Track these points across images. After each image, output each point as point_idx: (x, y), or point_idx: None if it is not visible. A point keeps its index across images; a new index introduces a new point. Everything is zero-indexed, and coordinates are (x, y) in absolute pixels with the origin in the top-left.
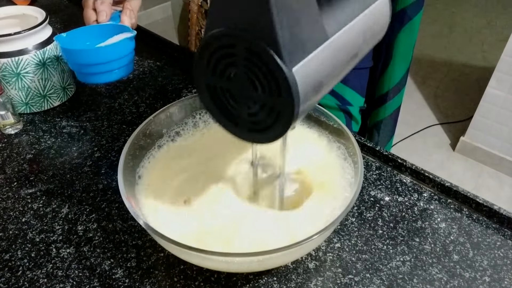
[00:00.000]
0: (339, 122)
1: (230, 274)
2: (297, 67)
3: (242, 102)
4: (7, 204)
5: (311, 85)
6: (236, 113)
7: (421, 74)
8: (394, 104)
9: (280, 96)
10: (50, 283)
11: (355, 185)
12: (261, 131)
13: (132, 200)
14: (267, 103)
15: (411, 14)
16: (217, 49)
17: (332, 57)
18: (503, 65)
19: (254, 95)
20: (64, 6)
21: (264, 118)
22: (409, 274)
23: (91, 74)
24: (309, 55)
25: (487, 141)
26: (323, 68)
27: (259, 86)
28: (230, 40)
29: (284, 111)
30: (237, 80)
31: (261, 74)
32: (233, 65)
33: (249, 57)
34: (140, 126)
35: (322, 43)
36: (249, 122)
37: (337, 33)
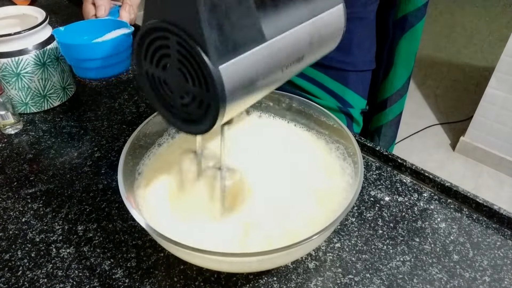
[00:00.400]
0: (338, 122)
1: (230, 274)
2: (225, 65)
3: (176, 93)
4: (7, 204)
5: (240, 83)
6: (171, 102)
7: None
8: (396, 110)
9: (208, 90)
10: (50, 283)
11: (355, 185)
12: (193, 122)
13: (132, 200)
14: (197, 96)
15: (413, 21)
16: (153, 40)
17: (268, 59)
18: (503, 65)
19: (186, 86)
20: (64, 6)
21: (195, 110)
22: (409, 274)
23: (87, 69)
24: (241, 55)
25: (487, 141)
26: (256, 69)
27: (190, 79)
28: (163, 33)
29: (211, 105)
30: (171, 71)
31: (191, 67)
32: (168, 56)
33: (180, 50)
34: (140, 126)
35: (258, 45)
36: (183, 112)
37: (276, 36)
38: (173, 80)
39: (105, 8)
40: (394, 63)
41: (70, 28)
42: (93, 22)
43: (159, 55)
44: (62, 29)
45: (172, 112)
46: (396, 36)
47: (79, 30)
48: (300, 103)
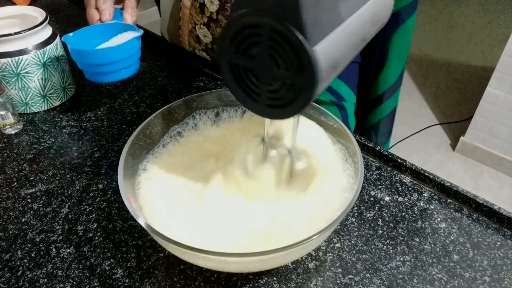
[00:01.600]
0: (338, 121)
1: (230, 274)
2: (317, 47)
3: (264, 80)
4: (7, 204)
5: (330, 63)
6: (256, 90)
7: (421, 74)
8: (390, 104)
9: (303, 73)
10: (50, 283)
11: (355, 185)
12: (280, 106)
13: (132, 200)
14: (289, 80)
15: (405, 17)
16: (243, 28)
17: (346, 39)
18: (503, 65)
19: (276, 72)
20: (64, 6)
21: (284, 95)
22: (409, 274)
23: (100, 73)
24: (328, 36)
25: (487, 141)
26: (339, 49)
27: (282, 64)
28: (256, 20)
29: (305, 87)
30: (260, 59)
31: (284, 53)
32: (257, 44)
33: (274, 37)
34: (140, 126)
35: (338, 26)
36: (269, 99)
37: (350, 17)
38: (261, 67)
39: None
40: (387, 58)
41: (78, 33)
42: (100, 27)
43: (247, 43)
44: (71, 35)
45: (257, 100)
46: (388, 31)
47: (87, 35)
48: None
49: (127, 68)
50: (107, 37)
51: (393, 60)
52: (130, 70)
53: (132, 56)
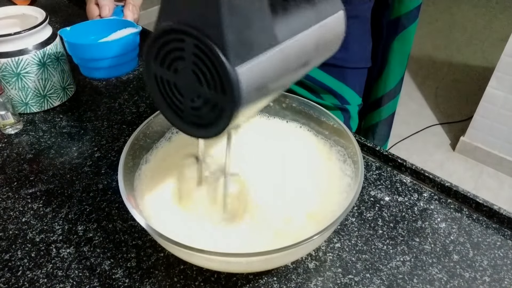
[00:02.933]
0: (339, 122)
1: (230, 274)
2: (242, 67)
3: (187, 96)
4: (7, 204)
5: (255, 86)
6: (180, 106)
7: (421, 74)
8: (389, 109)
9: (224, 93)
10: (50, 283)
11: (355, 185)
12: (203, 126)
13: (132, 200)
14: (211, 99)
15: (406, 23)
16: (167, 42)
17: (280, 62)
18: (503, 65)
19: (199, 89)
20: (64, 6)
21: (207, 113)
22: (409, 274)
23: (95, 68)
24: (256, 58)
25: (487, 141)
26: (269, 72)
27: (204, 82)
28: (179, 35)
29: (226, 108)
30: (184, 74)
31: (207, 70)
32: (181, 59)
33: (197, 53)
34: (141, 126)
35: (271, 47)
36: (193, 116)
37: (288, 40)
38: (184, 83)
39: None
40: (388, 63)
41: (76, 28)
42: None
43: (171, 57)
44: (69, 29)
45: (181, 116)
46: (389, 37)
47: (85, 30)
48: (300, 103)
49: (123, 65)
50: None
51: (392, 65)
52: (127, 67)
53: (129, 52)
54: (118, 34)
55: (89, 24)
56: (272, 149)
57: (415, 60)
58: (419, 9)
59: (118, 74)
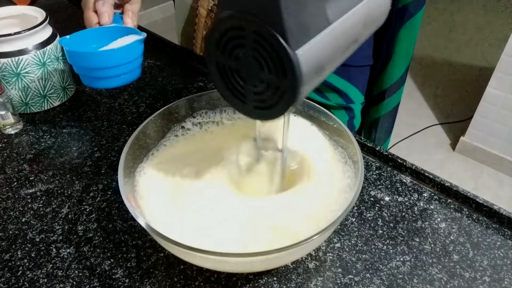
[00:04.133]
0: (339, 122)
1: (230, 274)
2: (301, 50)
3: (249, 81)
4: (7, 204)
5: (313, 67)
6: (243, 91)
7: (421, 74)
8: (393, 101)
9: (285, 76)
10: (50, 283)
11: (356, 185)
12: (266, 108)
13: (132, 200)
14: (273, 83)
15: (413, 11)
16: (227, 30)
17: (333, 42)
18: (503, 65)
19: (260, 75)
20: (64, 6)
21: (269, 97)
22: (409, 274)
23: (97, 78)
24: (312, 40)
25: (487, 141)
26: (324, 52)
27: (266, 67)
28: (240, 23)
29: (288, 91)
30: (245, 60)
31: (267, 56)
32: (242, 46)
33: (257, 39)
34: (140, 126)
35: (324, 28)
36: (255, 100)
37: (338, 19)
38: (247, 69)
39: (109, 15)
40: (393, 54)
41: (76, 36)
42: (99, 30)
43: (232, 45)
44: (68, 37)
45: (243, 101)
46: (396, 26)
47: (85, 38)
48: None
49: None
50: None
51: (398, 56)
52: (130, 76)
53: (134, 61)
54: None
55: (90, 32)
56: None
57: (415, 60)
58: None
59: (120, 84)
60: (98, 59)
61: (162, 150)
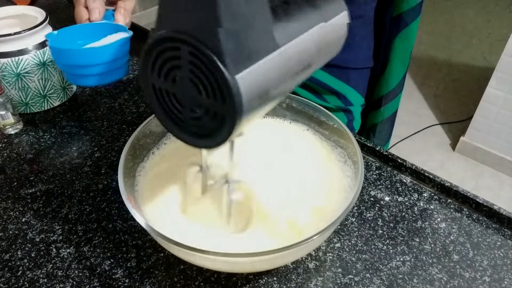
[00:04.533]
0: (339, 122)
1: (230, 274)
2: (241, 74)
3: (187, 106)
4: (7, 204)
5: (256, 92)
6: (180, 116)
7: (421, 74)
8: (391, 108)
9: (224, 101)
10: (50, 283)
11: (356, 186)
12: (205, 136)
13: (132, 200)
14: (211, 108)
15: (408, 20)
16: (163, 51)
17: (281, 66)
18: (503, 65)
19: (198, 99)
20: (64, 6)
21: (208, 123)
22: (409, 274)
23: (80, 76)
24: (256, 63)
25: (487, 141)
26: (270, 77)
27: (203, 90)
28: (175, 43)
29: (227, 117)
30: (182, 83)
31: (205, 79)
32: (178, 68)
33: (193, 61)
34: (141, 126)
35: (271, 52)
36: (193, 126)
37: (288, 43)
38: (183, 93)
39: (100, 11)
40: (390, 61)
41: (63, 32)
42: (88, 26)
43: (168, 67)
44: (56, 33)
45: (181, 126)
46: (391, 34)
47: (73, 34)
48: (300, 103)
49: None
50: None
51: (394, 63)
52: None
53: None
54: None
55: (78, 28)
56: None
57: (415, 60)
58: (421, 5)
59: (105, 82)
60: (80, 56)
61: (163, 149)
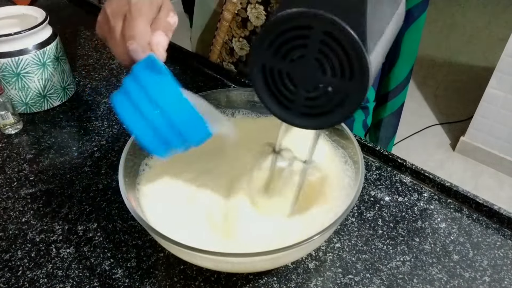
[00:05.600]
0: None
1: (230, 274)
2: (372, 55)
3: (302, 86)
4: (7, 204)
5: (374, 72)
6: (291, 97)
7: (421, 74)
8: (398, 101)
9: (351, 80)
10: (50, 283)
11: (356, 186)
12: (315, 115)
13: (132, 200)
14: (334, 87)
15: (416, 14)
16: (289, 29)
17: (384, 48)
18: (503, 65)
19: (320, 78)
20: (64, 6)
21: (323, 103)
22: (409, 274)
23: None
24: (376, 46)
25: (487, 141)
26: (379, 58)
27: (329, 70)
28: (308, 21)
29: (353, 95)
30: (302, 63)
31: (335, 58)
32: (303, 47)
33: (325, 40)
34: None
35: (382, 35)
36: (305, 107)
37: (387, 27)
38: (302, 72)
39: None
40: (399, 56)
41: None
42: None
43: (290, 46)
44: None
45: (289, 107)
46: (401, 30)
47: None
48: None
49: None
50: None
51: (403, 57)
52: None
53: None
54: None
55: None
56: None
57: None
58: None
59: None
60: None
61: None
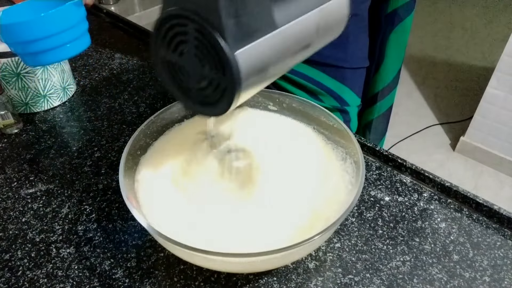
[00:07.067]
0: (339, 121)
1: (230, 274)
2: (241, 51)
3: (193, 77)
4: (7, 204)
5: (254, 68)
6: (188, 86)
7: (421, 74)
8: (386, 103)
9: (224, 74)
10: (50, 283)
11: (356, 186)
12: (210, 104)
13: (132, 200)
14: (214, 80)
15: (403, 15)
16: (172, 26)
17: (279, 46)
18: (503, 65)
19: (202, 71)
20: None
21: (212, 93)
22: (409, 274)
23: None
24: (255, 42)
25: (487, 141)
26: (268, 55)
27: (207, 64)
28: (182, 20)
29: (227, 89)
30: (188, 56)
31: (208, 54)
32: (185, 43)
33: (198, 37)
34: (141, 126)
35: (270, 31)
36: (199, 96)
37: (287, 24)
38: (190, 65)
39: None
40: (385, 57)
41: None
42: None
43: (176, 41)
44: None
45: (189, 96)
46: (386, 31)
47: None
48: (300, 103)
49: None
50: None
51: (390, 58)
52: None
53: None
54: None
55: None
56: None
57: (415, 60)
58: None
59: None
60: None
61: (163, 149)
